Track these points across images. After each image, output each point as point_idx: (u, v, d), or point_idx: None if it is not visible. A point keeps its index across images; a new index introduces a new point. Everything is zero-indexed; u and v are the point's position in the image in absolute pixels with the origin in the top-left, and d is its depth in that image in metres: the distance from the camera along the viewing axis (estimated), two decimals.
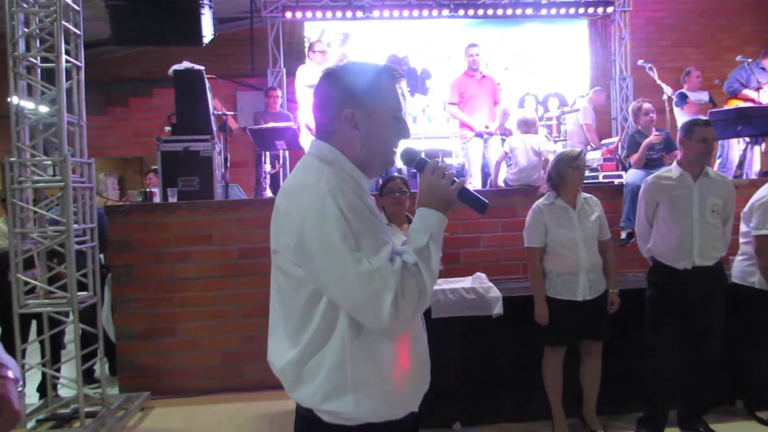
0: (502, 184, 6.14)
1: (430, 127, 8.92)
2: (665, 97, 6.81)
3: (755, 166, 6.34)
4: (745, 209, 4.03)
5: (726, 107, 6.50)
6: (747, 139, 6.09)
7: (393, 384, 1.55)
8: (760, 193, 3.96)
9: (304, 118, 7.19)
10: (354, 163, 1.59)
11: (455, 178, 1.58)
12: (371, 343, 1.52)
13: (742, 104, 6.43)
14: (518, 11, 9.25)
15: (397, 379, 1.55)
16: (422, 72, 8.94)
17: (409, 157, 1.67)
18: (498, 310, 4.02)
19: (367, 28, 9.56)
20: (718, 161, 6.62)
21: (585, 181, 5.72)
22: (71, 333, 4.44)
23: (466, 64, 6.80)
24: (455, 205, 1.59)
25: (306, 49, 8.41)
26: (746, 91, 6.60)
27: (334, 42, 9.56)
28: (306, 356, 1.54)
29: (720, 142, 6.34)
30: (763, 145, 6.45)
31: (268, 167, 6.85)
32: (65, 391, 4.79)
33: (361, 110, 1.57)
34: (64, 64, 4.18)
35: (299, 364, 1.55)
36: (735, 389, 4.23)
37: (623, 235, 5.26)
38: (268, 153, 6.82)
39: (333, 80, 1.61)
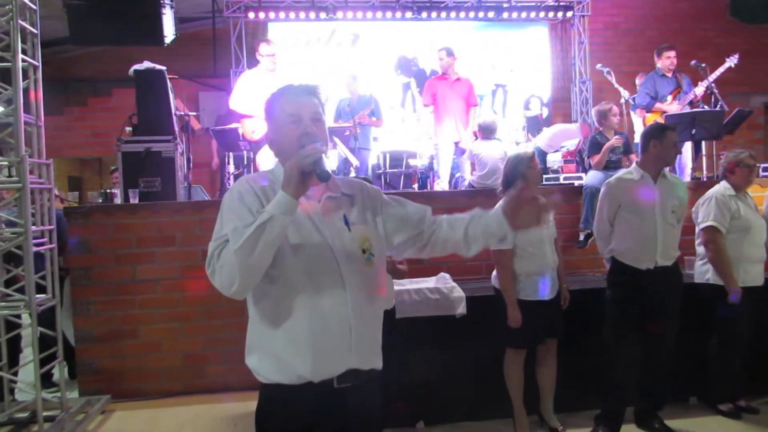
0: None
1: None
2: (623, 100, 6.96)
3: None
4: (693, 209, 4.21)
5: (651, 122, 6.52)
6: None
7: (279, 346, 1.76)
8: (707, 194, 4.21)
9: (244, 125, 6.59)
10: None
11: (312, 152, 1.64)
12: (264, 309, 1.79)
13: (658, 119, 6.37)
14: (480, 14, 9.36)
15: (282, 344, 1.76)
16: (431, 73, 8.94)
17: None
18: (461, 310, 4.08)
19: (377, 28, 9.60)
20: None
21: (546, 183, 5.88)
22: (29, 336, 4.35)
23: (439, 64, 6.91)
24: (298, 179, 1.63)
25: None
26: (658, 105, 6.56)
27: (344, 42, 9.59)
28: None
29: None
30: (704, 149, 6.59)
31: (231, 168, 6.81)
32: (23, 396, 4.69)
33: (271, 128, 1.90)
34: (20, 64, 4.10)
35: None
36: (688, 386, 4.36)
37: (581, 237, 5.36)
38: (231, 154, 6.78)
39: None
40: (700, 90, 6.46)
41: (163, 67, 5.60)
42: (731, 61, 6.44)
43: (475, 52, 9.59)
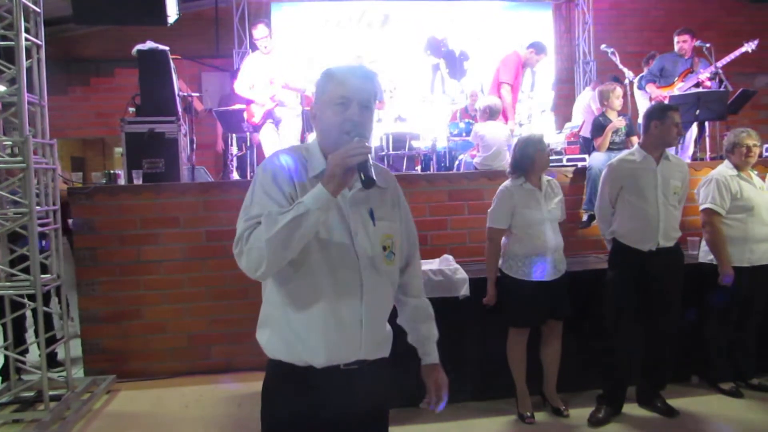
0: None
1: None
2: (627, 81, 6.91)
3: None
4: (696, 190, 4.26)
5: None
6: None
7: (291, 329, 1.76)
8: (709, 174, 4.25)
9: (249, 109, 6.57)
10: (322, 148, 1.82)
11: (359, 151, 1.62)
12: (282, 291, 1.77)
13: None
14: None
15: (293, 329, 1.75)
16: (461, 54, 8.85)
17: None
18: (465, 291, 4.09)
19: (407, 9, 9.52)
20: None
21: (550, 165, 5.85)
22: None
23: (525, 53, 6.89)
24: (342, 178, 1.62)
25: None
26: (650, 87, 6.58)
27: (374, 23, 9.51)
28: None
29: None
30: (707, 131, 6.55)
31: (234, 149, 6.80)
32: (29, 375, 4.72)
33: (317, 104, 1.84)
34: (23, 43, 4.08)
35: None
36: (689, 365, 4.38)
37: (585, 218, 5.37)
38: (234, 135, 6.76)
39: None
40: (704, 76, 6.40)
41: (166, 47, 5.57)
42: (749, 47, 6.34)
43: (503, 32, 9.61)
